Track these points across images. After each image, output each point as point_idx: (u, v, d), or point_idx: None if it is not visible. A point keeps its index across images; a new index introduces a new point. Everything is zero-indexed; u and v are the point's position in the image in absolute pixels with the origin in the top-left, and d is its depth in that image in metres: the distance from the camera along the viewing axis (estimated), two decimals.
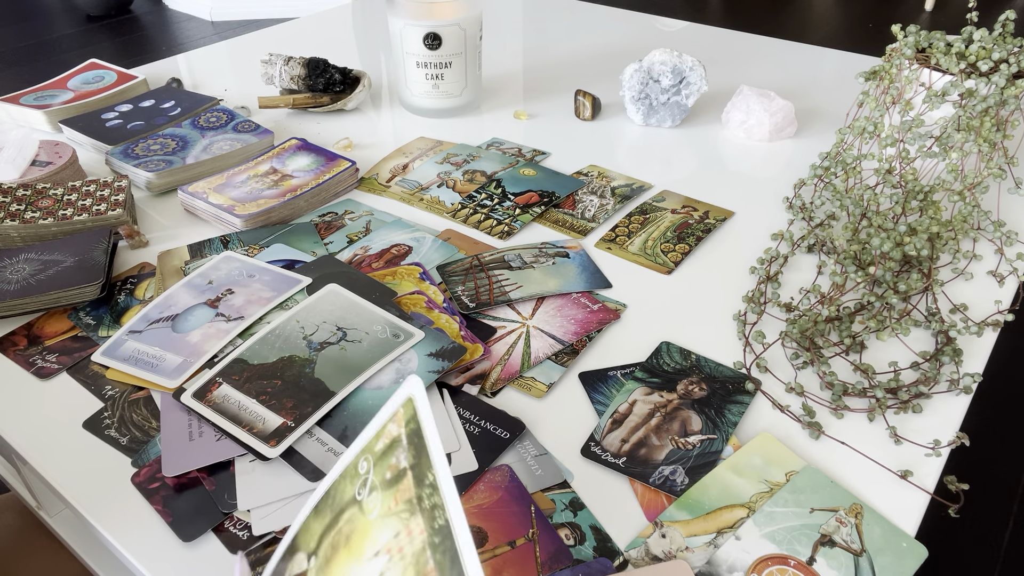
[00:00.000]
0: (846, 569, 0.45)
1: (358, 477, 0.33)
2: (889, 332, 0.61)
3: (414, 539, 0.29)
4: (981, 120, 0.71)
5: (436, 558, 0.28)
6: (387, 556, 0.30)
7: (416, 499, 0.30)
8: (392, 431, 0.32)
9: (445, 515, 0.28)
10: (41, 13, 3.32)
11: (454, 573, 0.26)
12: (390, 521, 0.30)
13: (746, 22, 3.12)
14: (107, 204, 0.76)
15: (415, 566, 0.28)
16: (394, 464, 0.31)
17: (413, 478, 0.30)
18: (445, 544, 0.27)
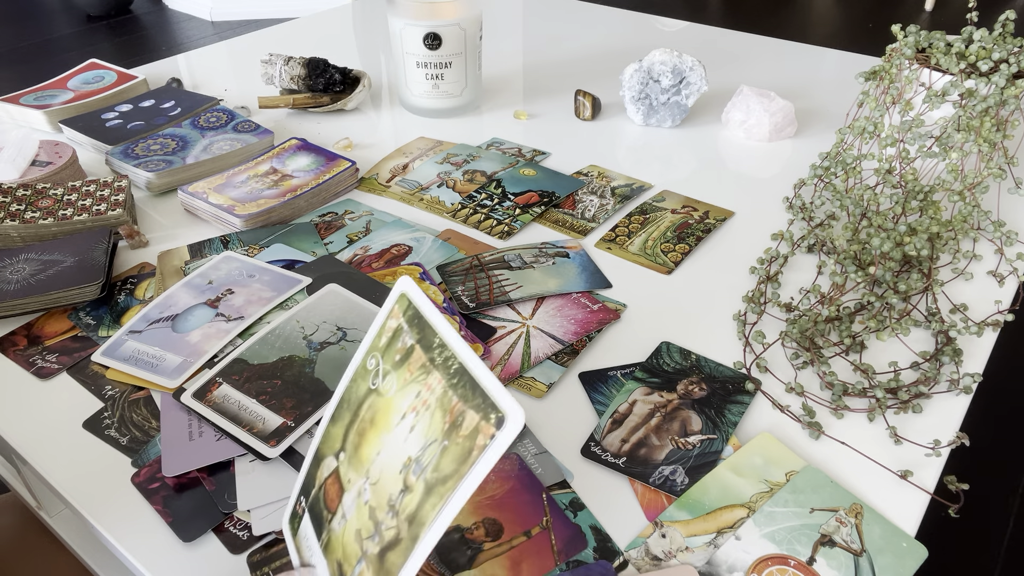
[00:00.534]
0: (846, 569, 0.45)
1: (368, 373, 0.36)
2: (889, 332, 0.61)
3: (434, 389, 0.32)
4: (981, 120, 0.71)
5: (459, 393, 0.31)
6: (413, 413, 0.33)
7: (428, 361, 0.33)
8: (392, 325, 0.35)
9: (457, 360, 0.32)
10: (41, 13, 3.32)
11: (477, 397, 0.30)
12: (409, 388, 0.34)
13: (746, 22, 3.12)
14: (107, 204, 0.76)
15: (441, 408, 0.32)
16: (400, 347, 0.35)
17: (421, 348, 0.33)
18: (463, 380, 0.31)
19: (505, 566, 0.45)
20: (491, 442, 0.30)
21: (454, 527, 0.47)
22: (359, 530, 0.34)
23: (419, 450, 0.32)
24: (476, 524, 0.47)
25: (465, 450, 0.31)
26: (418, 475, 0.32)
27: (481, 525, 0.47)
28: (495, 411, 0.30)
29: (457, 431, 0.31)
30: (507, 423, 0.30)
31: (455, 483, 0.30)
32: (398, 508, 0.32)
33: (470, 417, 0.31)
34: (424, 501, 0.31)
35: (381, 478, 0.34)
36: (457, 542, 0.46)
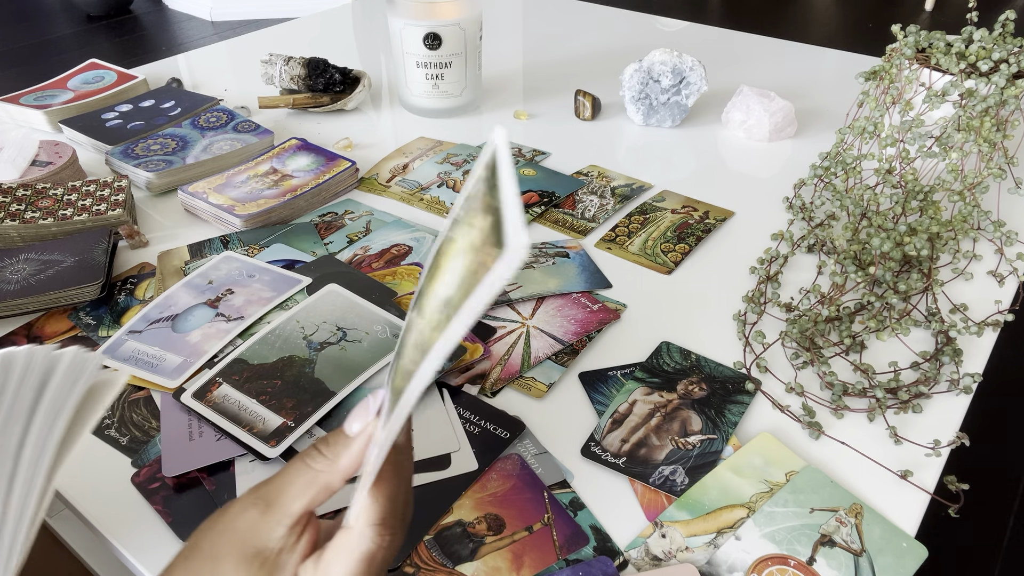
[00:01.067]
0: (846, 569, 0.45)
1: (455, 225, 0.34)
2: (889, 332, 0.61)
3: (480, 229, 0.29)
4: (981, 120, 0.71)
5: (479, 189, 0.29)
6: (460, 255, 0.30)
7: (486, 205, 0.30)
8: (481, 174, 0.32)
9: (495, 178, 0.28)
10: (41, 13, 3.32)
11: (497, 231, 0.27)
12: (467, 232, 0.30)
13: (746, 22, 3.12)
14: (107, 204, 0.76)
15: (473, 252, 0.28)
16: (477, 194, 0.31)
17: (488, 193, 0.30)
18: (490, 181, 0.29)
19: (507, 559, 0.45)
20: (488, 273, 0.28)
21: (456, 521, 0.47)
22: (407, 366, 0.34)
23: (452, 290, 0.31)
24: (478, 519, 0.48)
25: (470, 283, 0.30)
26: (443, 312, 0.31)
27: (483, 520, 0.48)
28: (498, 238, 0.28)
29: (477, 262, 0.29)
30: (504, 252, 0.27)
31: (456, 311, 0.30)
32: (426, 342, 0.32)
33: (488, 251, 0.29)
34: (434, 332, 0.31)
35: (426, 318, 0.33)
36: (460, 535, 0.46)
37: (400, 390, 0.32)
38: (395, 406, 0.32)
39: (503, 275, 0.25)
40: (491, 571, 0.45)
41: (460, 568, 0.45)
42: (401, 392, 0.32)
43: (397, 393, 0.33)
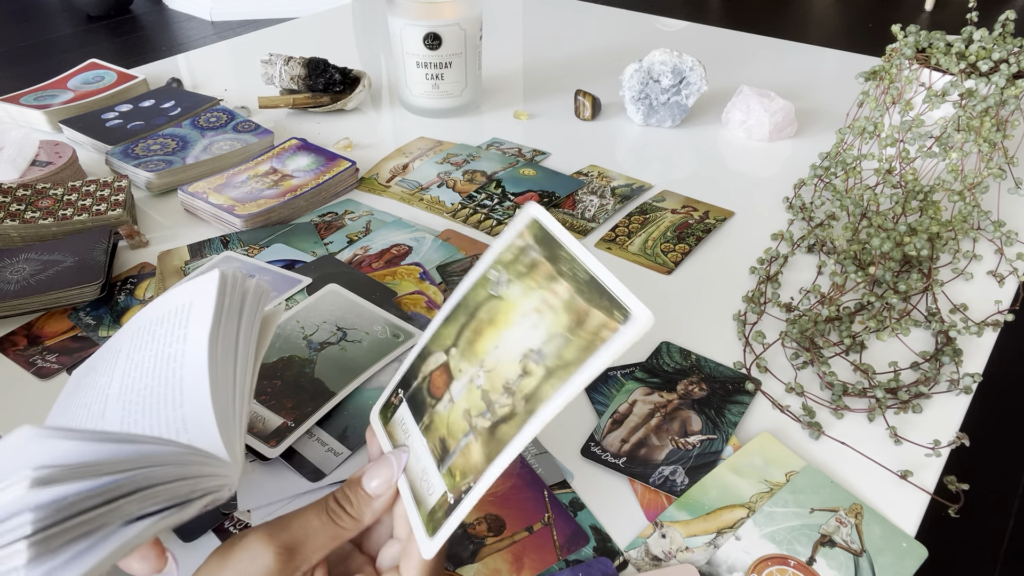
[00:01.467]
0: (846, 569, 0.45)
1: (489, 282, 0.38)
2: (889, 332, 0.61)
3: (560, 295, 0.34)
4: (981, 120, 0.71)
5: (585, 297, 0.33)
6: (537, 314, 0.35)
7: (556, 272, 0.35)
8: (519, 243, 0.38)
9: (587, 271, 0.34)
10: (41, 13, 3.32)
11: (604, 300, 0.33)
12: (534, 293, 0.36)
13: (746, 22, 3.12)
14: (107, 204, 0.76)
15: (566, 310, 0.34)
16: (527, 260, 0.37)
17: (548, 261, 0.36)
18: (592, 287, 0.33)
19: (507, 560, 0.45)
20: (615, 335, 0.32)
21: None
22: (468, 409, 0.37)
23: (541, 343, 0.34)
24: (479, 520, 0.48)
25: (588, 342, 0.33)
26: (538, 362, 0.34)
27: (483, 520, 0.47)
28: (621, 311, 0.32)
29: (582, 327, 0.33)
30: (632, 320, 0.32)
31: (577, 367, 0.33)
32: (514, 389, 0.35)
33: (595, 316, 0.33)
34: (544, 382, 0.34)
35: (497, 366, 0.36)
36: (460, 537, 0.46)
37: (458, 433, 0.37)
38: (449, 457, 0.37)
39: (631, 339, 0.31)
40: (491, 573, 0.45)
41: (461, 570, 0.45)
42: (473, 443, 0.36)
43: (443, 441, 0.37)
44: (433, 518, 0.36)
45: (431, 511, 0.37)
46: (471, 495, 0.35)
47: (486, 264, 0.39)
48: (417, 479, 0.38)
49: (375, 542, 0.41)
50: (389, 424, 0.42)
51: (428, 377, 0.40)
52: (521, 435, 0.33)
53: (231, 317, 0.40)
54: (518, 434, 0.34)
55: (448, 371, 0.39)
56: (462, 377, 0.38)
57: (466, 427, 0.36)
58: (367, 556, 0.41)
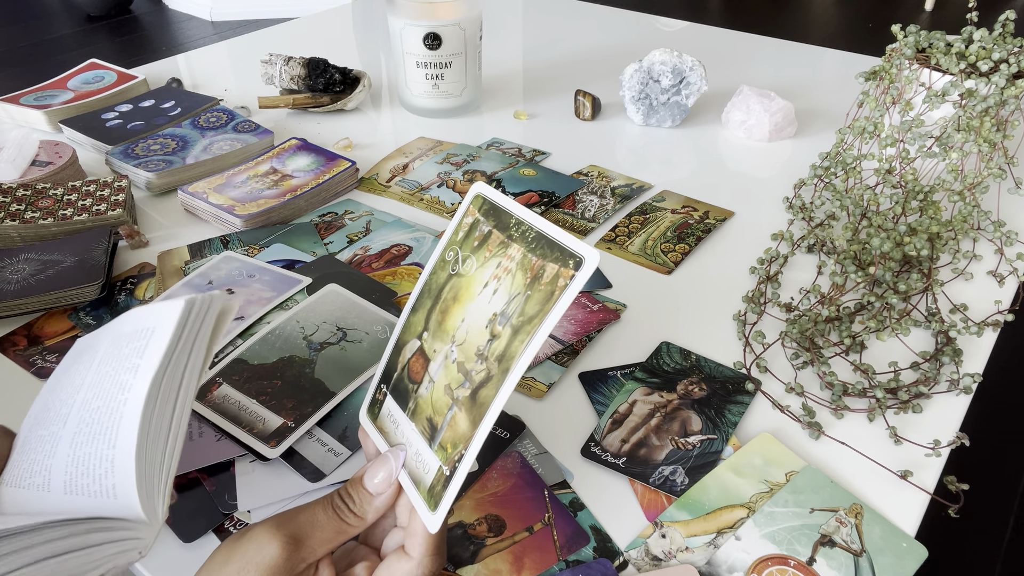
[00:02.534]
0: (846, 569, 0.45)
1: (447, 263, 0.41)
2: (889, 332, 0.61)
3: (514, 257, 0.38)
4: (981, 120, 0.71)
5: (537, 253, 0.37)
6: (495, 280, 0.38)
7: (507, 237, 0.38)
8: (467, 221, 0.41)
9: (533, 229, 0.37)
10: (41, 13, 3.32)
11: (555, 252, 0.36)
12: (489, 262, 0.39)
13: (746, 22, 3.12)
14: (107, 204, 0.76)
15: (522, 269, 0.37)
16: (478, 234, 0.40)
17: (498, 230, 0.39)
18: (540, 243, 0.37)
19: (508, 561, 0.45)
20: (571, 281, 0.35)
21: (456, 523, 0.47)
22: (448, 384, 0.38)
23: (503, 305, 0.37)
24: (479, 520, 0.48)
25: (547, 293, 0.36)
26: (504, 324, 0.37)
27: (484, 521, 0.47)
28: (572, 257, 0.35)
29: (539, 281, 0.36)
30: (584, 264, 0.35)
31: (540, 319, 0.35)
32: (486, 354, 0.37)
33: (550, 268, 0.36)
34: (512, 340, 0.36)
35: (467, 338, 0.38)
36: (460, 537, 0.46)
37: (443, 408, 0.39)
38: (439, 434, 0.38)
39: (583, 280, 0.35)
40: (492, 573, 0.45)
41: (461, 571, 0.45)
42: (448, 412, 0.38)
43: (430, 420, 0.39)
44: (433, 493, 0.37)
45: (430, 487, 0.38)
46: (464, 462, 0.36)
47: (440, 248, 0.42)
48: (412, 462, 0.40)
49: (378, 536, 0.42)
50: (378, 420, 0.43)
51: (406, 366, 0.42)
52: (500, 394, 0.35)
53: (186, 346, 0.39)
54: (497, 394, 0.36)
55: (424, 355, 0.41)
56: (437, 357, 0.40)
57: (448, 401, 0.38)
58: (371, 548, 0.42)
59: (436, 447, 0.38)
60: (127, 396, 0.37)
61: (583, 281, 0.34)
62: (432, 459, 0.38)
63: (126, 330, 0.42)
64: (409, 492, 0.39)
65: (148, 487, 0.35)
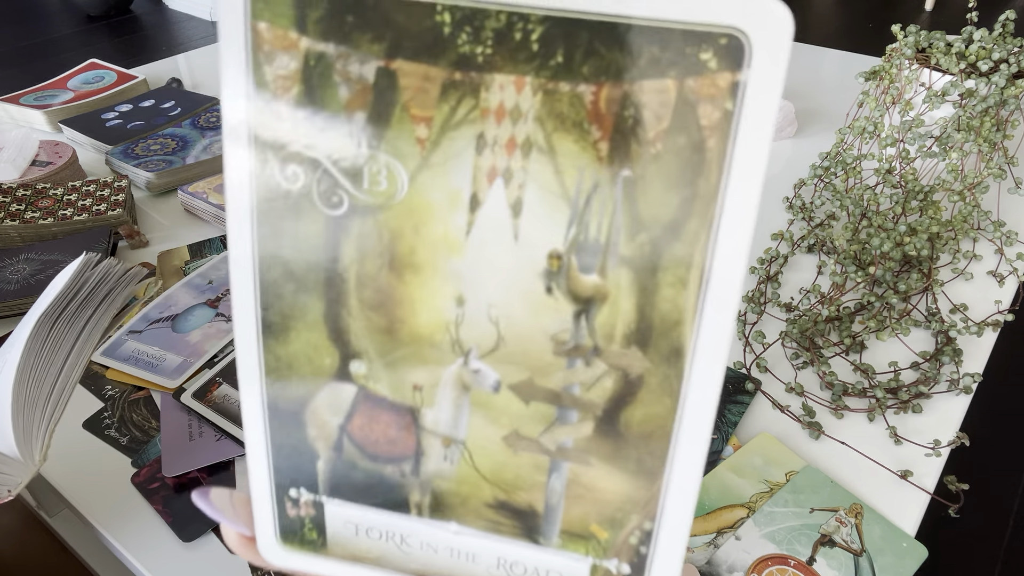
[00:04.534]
0: (846, 569, 0.45)
1: (293, 197, 0.20)
2: (889, 332, 0.61)
3: (515, 108, 0.17)
4: (981, 120, 0.71)
5: (587, 68, 0.16)
6: (496, 182, 0.18)
7: (455, 67, 0.17)
8: (283, 68, 0.19)
9: (539, 14, 0.15)
10: (41, 13, 3.32)
11: (648, 46, 0.16)
12: (444, 149, 0.18)
13: None
14: (107, 204, 0.76)
15: (563, 128, 0.16)
16: (350, 93, 0.18)
17: (413, 60, 0.17)
18: (577, 38, 0.15)
19: None
20: (741, 93, 0.16)
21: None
22: (516, 432, 0.20)
23: (565, 229, 0.17)
24: None
25: (686, 150, 0.16)
26: (597, 263, 0.17)
27: None
28: (704, 41, 0.15)
29: (634, 138, 0.16)
30: (754, 42, 0.15)
31: (706, 207, 0.16)
32: (592, 342, 0.18)
33: (651, 92, 0.16)
34: (652, 288, 0.17)
35: (505, 331, 0.19)
36: None
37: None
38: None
39: (778, 82, 0.16)
40: None
41: None
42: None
43: (504, 504, 0.21)
44: None
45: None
46: (664, 541, 0.20)
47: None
48: (489, 574, 0.22)
49: None
50: (327, 546, 0.22)
51: (343, 435, 0.21)
52: (693, 398, 0.19)
53: (88, 302, 0.42)
54: (681, 402, 0.19)
55: (383, 408, 0.20)
56: (438, 397, 0.20)
57: (538, 458, 0.20)
58: None
59: (558, 541, 0.21)
60: (13, 344, 0.39)
61: (775, 84, 0.15)
62: (560, 560, 0.21)
63: (42, 294, 0.44)
64: None
65: (26, 426, 0.36)
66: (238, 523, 0.22)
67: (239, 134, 0.18)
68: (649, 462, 0.20)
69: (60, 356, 0.39)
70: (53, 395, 0.39)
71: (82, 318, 0.41)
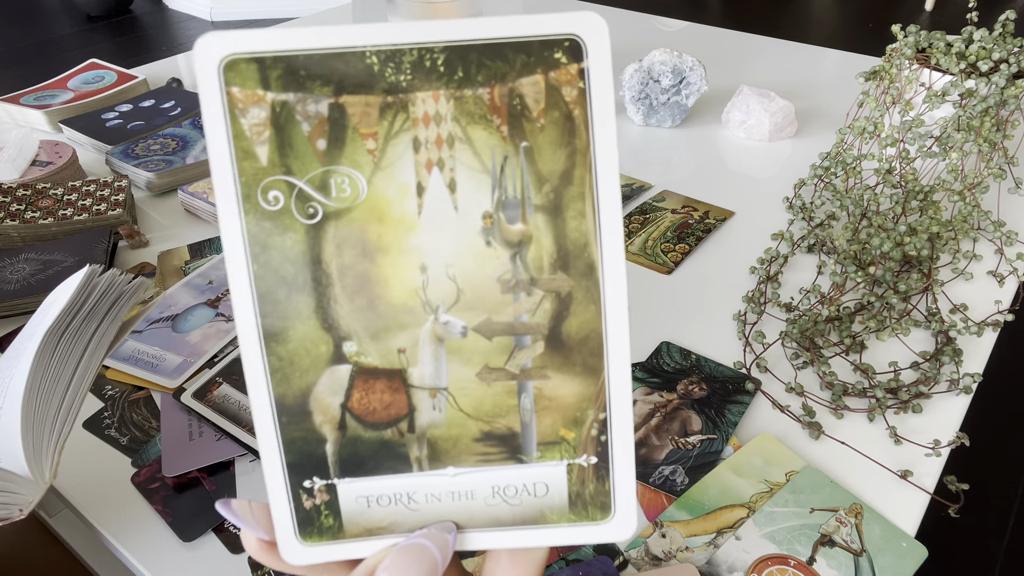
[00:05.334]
0: (846, 569, 0.45)
1: (282, 215, 0.24)
2: (889, 332, 0.61)
3: (435, 113, 0.23)
4: (981, 120, 0.71)
5: (479, 79, 0.22)
6: (432, 170, 0.23)
7: (385, 94, 0.23)
8: (254, 119, 0.23)
9: (439, 49, 0.22)
10: (41, 13, 3.32)
11: (514, 57, 0.22)
12: (390, 155, 0.23)
13: (746, 22, 3.12)
14: (107, 204, 0.76)
15: (473, 122, 0.23)
16: (311, 127, 0.23)
17: (354, 93, 0.23)
18: (469, 61, 0.22)
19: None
20: (585, 77, 0.22)
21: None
22: (486, 366, 0.24)
23: (489, 194, 0.23)
24: None
25: (560, 121, 0.22)
26: (517, 215, 0.23)
27: None
28: (557, 44, 0.22)
29: (525, 118, 0.22)
30: (586, 40, 0.23)
31: (584, 157, 0.22)
32: (529, 275, 0.23)
33: (528, 86, 0.22)
34: (562, 221, 0.23)
35: (462, 284, 0.23)
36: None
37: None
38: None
39: (604, 65, 0.23)
40: None
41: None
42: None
43: (489, 435, 0.25)
44: (583, 500, 0.25)
45: (572, 499, 0.25)
46: (618, 423, 0.24)
47: (230, 197, 0.24)
48: (486, 510, 0.25)
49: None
50: (343, 530, 0.25)
51: (345, 413, 0.24)
52: (611, 297, 0.23)
53: (93, 315, 0.41)
54: (605, 301, 0.23)
55: (375, 375, 0.24)
56: (420, 354, 0.24)
57: (509, 385, 0.24)
58: None
59: (537, 453, 0.24)
60: (21, 359, 0.38)
61: (605, 65, 0.22)
62: (541, 471, 0.24)
63: (40, 308, 0.43)
64: (516, 541, 0.25)
65: (36, 443, 0.36)
66: (258, 529, 0.24)
67: (225, 175, 0.22)
68: (591, 360, 0.24)
69: (67, 371, 0.39)
70: (62, 411, 0.38)
71: (87, 331, 0.41)
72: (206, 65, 0.21)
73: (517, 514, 0.25)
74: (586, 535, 0.25)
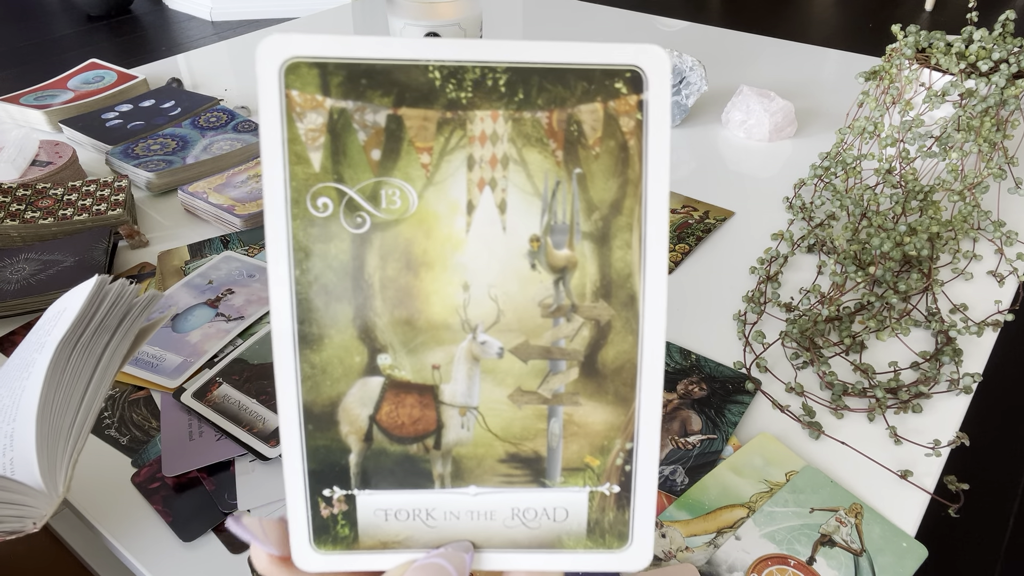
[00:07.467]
0: (846, 569, 0.45)
1: (331, 222, 0.24)
2: (889, 332, 0.61)
3: (492, 133, 0.23)
4: (981, 120, 0.71)
5: (539, 103, 0.23)
6: (484, 189, 0.24)
7: (445, 110, 0.23)
8: (311, 124, 0.24)
9: (501, 69, 0.23)
10: (41, 13, 3.32)
11: (575, 84, 0.23)
12: (444, 171, 0.23)
13: (746, 22, 3.12)
14: (107, 204, 0.76)
15: (529, 144, 0.23)
16: (366, 138, 0.23)
17: (413, 106, 0.23)
18: (530, 85, 0.23)
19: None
20: (644, 109, 0.22)
21: None
22: (519, 388, 0.24)
23: (539, 216, 0.23)
24: None
25: (614, 151, 0.22)
26: (564, 240, 0.23)
27: None
28: (618, 75, 0.22)
29: (581, 145, 0.23)
30: (647, 74, 0.22)
31: (635, 189, 0.23)
32: (569, 301, 0.23)
33: (587, 113, 0.22)
34: (607, 251, 0.23)
35: (503, 305, 0.23)
36: None
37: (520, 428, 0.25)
38: None
39: (664, 100, 0.23)
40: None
41: None
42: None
43: (515, 456, 0.25)
44: (600, 529, 0.25)
45: (591, 527, 0.25)
46: (643, 458, 0.24)
47: (279, 201, 0.24)
48: (505, 531, 0.25)
49: None
50: (359, 540, 0.24)
51: (373, 425, 0.24)
52: (648, 333, 0.23)
53: (104, 327, 0.41)
54: (641, 338, 0.23)
55: (406, 389, 0.24)
56: (454, 371, 0.24)
57: (538, 409, 0.24)
58: None
59: (560, 478, 0.24)
60: (32, 370, 0.38)
61: (664, 99, 0.22)
62: (563, 496, 0.24)
63: (47, 315, 0.43)
64: (531, 564, 0.25)
65: (50, 457, 0.36)
66: (268, 545, 0.24)
67: (276, 178, 0.22)
68: (624, 390, 0.24)
69: (80, 384, 0.39)
70: (75, 425, 0.38)
71: (99, 344, 0.40)
72: (268, 66, 0.21)
73: (534, 537, 0.25)
74: (601, 563, 0.25)
